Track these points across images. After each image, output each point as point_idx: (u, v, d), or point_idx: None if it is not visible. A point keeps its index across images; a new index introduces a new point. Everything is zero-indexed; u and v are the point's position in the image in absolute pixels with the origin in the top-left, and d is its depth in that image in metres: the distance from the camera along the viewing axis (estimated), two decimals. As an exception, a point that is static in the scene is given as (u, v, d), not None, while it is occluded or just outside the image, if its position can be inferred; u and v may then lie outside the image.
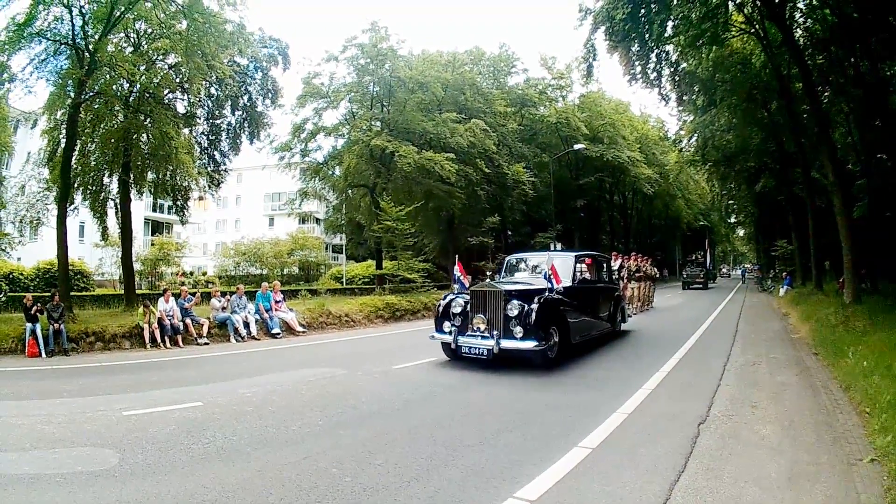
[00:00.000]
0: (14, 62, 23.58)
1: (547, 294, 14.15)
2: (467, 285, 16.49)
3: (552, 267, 14.79)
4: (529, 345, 12.90)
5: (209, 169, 33.50)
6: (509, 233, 57.28)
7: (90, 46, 23.26)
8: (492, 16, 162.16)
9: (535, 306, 13.36)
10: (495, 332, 13.44)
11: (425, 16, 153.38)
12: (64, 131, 25.47)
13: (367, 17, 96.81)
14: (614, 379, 12.40)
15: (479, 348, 13.51)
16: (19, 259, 34.28)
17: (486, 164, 46.37)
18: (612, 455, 7.00)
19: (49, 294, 20.84)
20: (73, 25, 23.30)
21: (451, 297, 15.48)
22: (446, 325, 14.69)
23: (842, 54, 28.05)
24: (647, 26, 26.60)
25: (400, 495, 5.77)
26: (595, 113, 61.12)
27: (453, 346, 14.08)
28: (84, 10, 23.37)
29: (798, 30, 30.27)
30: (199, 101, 31.01)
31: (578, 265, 17.38)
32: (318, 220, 72.52)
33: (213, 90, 31.54)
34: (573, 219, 65.74)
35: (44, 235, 29.46)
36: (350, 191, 46.98)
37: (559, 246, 46.63)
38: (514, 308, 13.41)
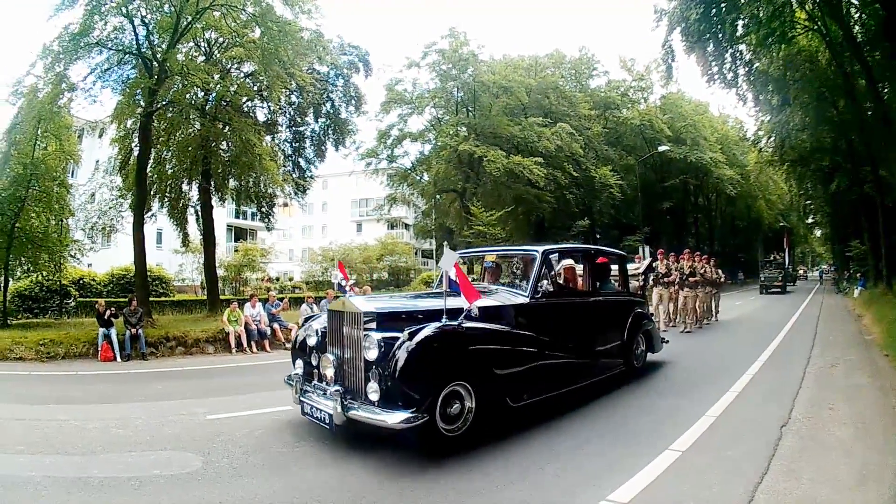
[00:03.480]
0: (73, 72, 22.72)
1: (442, 323, 7.35)
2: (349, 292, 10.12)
3: (458, 272, 7.71)
4: (392, 418, 6.66)
5: (294, 176, 32.56)
6: (598, 236, 53.43)
7: (158, 56, 22.72)
8: (564, 17, 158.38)
9: (409, 345, 6.93)
10: (345, 387, 7.55)
11: (493, 19, 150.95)
12: (136, 140, 24.87)
13: (435, 22, 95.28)
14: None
15: (321, 411, 7.37)
16: (90, 265, 32.84)
17: (573, 167, 43.17)
18: (700, 457, 6.73)
19: (125, 299, 20.77)
20: (136, 35, 22.83)
21: (310, 317, 10.09)
22: (297, 365, 8.83)
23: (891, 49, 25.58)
24: (719, 26, 26.02)
25: (497, 496, 5.63)
26: (676, 114, 57.85)
27: (294, 399, 8.14)
28: (146, 21, 22.89)
29: (856, 26, 28.34)
30: (281, 108, 29.94)
31: (545, 269, 9.60)
32: (407, 226, 70.40)
33: (293, 98, 30.06)
34: (660, 222, 61.76)
35: (118, 242, 30.12)
36: (439, 196, 46.22)
37: (647, 249, 42.92)
38: (372, 346, 7.14)
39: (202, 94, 25.21)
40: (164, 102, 23.63)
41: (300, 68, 26.48)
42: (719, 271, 25.34)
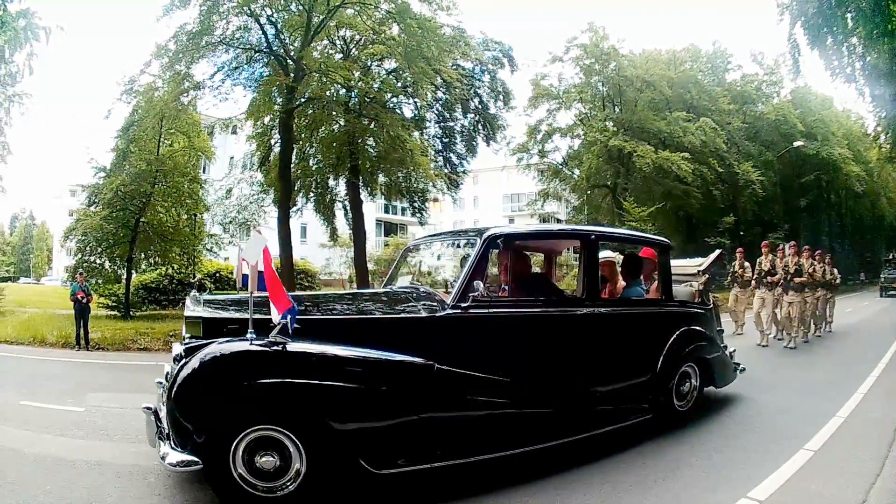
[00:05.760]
0: (197, 70, 23.19)
1: (247, 338, 4.96)
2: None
3: (267, 265, 5.29)
4: (170, 455, 4.62)
5: (446, 171, 31.36)
6: (741, 233, 50.28)
7: (292, 54, 23.13)
8: (687, 11, 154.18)
9: (189, 365, 4.85)
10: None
11: (612, 18, 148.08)
12: (276, 136, 25.51)
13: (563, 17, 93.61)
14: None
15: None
16: (226, 259, 31.93)
17: (718, 163, 40.88)
18: (828, 457, 6.39)
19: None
20: (264, 34, 23.08)
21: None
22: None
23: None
24: (833, 19, 24.04)
25: (649, 494, 5.39)
26: (807, 109, 54.59)
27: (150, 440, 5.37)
28: (273, 20, 23.04)
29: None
30: (428, 104, 28.44)
31: (485, 263, 6.58)
32: (559, 221, 65.81)
33: (440, 93, 28.36)
34: (798, 219, 58.18)
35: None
36: (591, 191, 43.91)
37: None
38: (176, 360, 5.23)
39: (344, 90, 24.67)
40: (303, 99, 23.29)
41: (445, 64, 24.96)
42: (834, 270, 18.60)
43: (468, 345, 5.75)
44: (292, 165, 25.01)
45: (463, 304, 5.67)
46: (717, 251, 10.95)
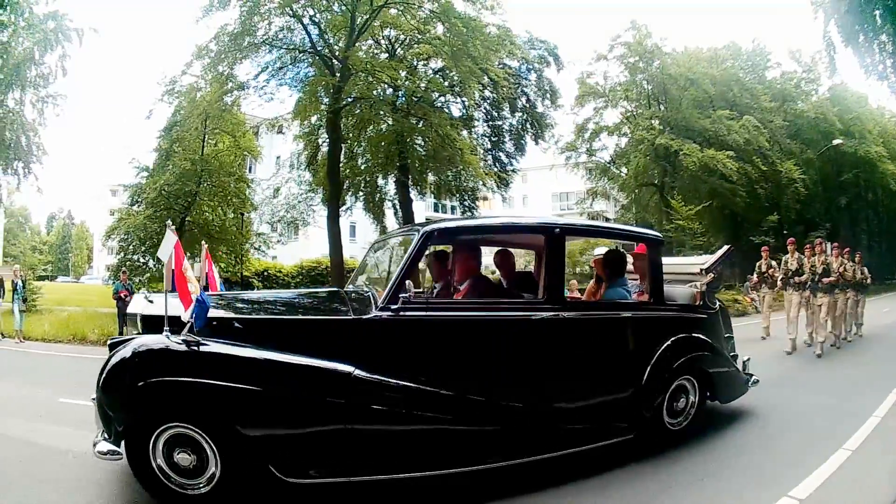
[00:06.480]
0: (240, 71, 23.80)
1: (163, 335, 4.86)
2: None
3: (178, 262, 5.16)
4: (100, 444, 4.77)
5: (495, 169, 31.61)
6: (784, 232, 49.54)
7: (337, 54, 23.22)
8: (723, 9, 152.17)
9: (110, 359, 4.90)
10: None
11: (654, 16, 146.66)
12: (323, 135, 25.88)
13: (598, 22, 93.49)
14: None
15: None
16: (275, 257, 32.09)
17: (761, 161, 40.44)
18: (866, 456, 6.41)
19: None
20: (307, 35, 23.29)
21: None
22: None
23: None
24: (863, 16, 23.96)
25: (692, 489, 5.56)
26: (843, 107, 53.35)
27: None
28: (315, 20, 23.25)
29: None
30: (476, 103, 28.86)
31: (417, 261, 5.75)
32: (607, 220, 65.26)
33: (487, 93, 28.67)
34: (838, 217, 57.32)
35: (308, 234, 30.71)
36: (639, 190, 43.78)
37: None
38: None
39: (391, 90, 24.99)
40: (350, 99, 23.24)
41: (492, 63, 25.12)
42: (864, 269, 16.71)
43: (398, 351, 5.23)
44: (341, 164, 25.12)
45: (393, 307, 5.16)
46: (725, 247, 9.27)
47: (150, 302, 5.66)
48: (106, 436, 4.69)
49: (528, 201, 76.23)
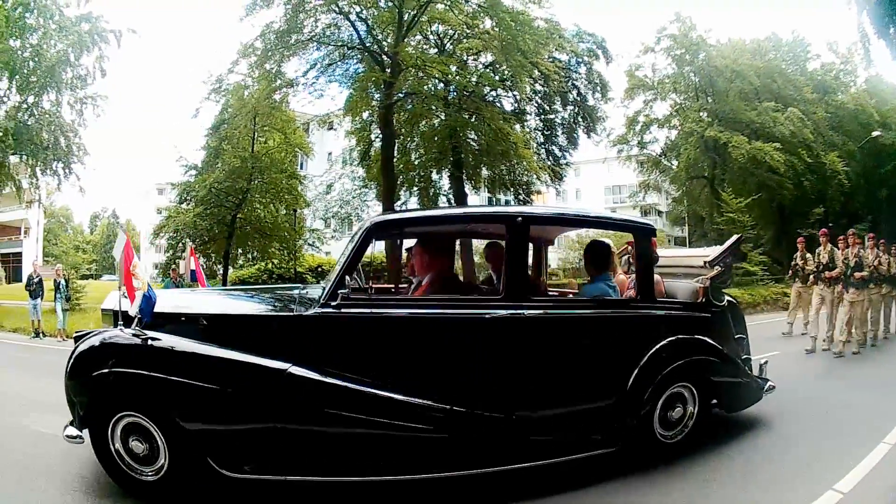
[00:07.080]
0: (288, 68, 24.08)
1: (117, 329, 5.13)
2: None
3: (127, 259, 5.41)
4: (68, 428, 5.17)
5: (549, 163, 31.25)
6: (830, 225, 49.00)
7: (386, 50, 23.25)
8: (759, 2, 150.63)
9: (75, 351, 5.14)
10: None
11: (693, 10, 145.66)
12: (375, 131, 25.98)
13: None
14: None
15: None
16: (328, 253, 31.80)
17: (806, 153, 40.06)
18: None
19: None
20: (355, 31, 23.35)
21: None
22: None
23: None
24: (893, 8, 22.75)
25: (735, 486, 5.60)
26: (880, 99, 52.20)
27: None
28: (363, 16, 23.11)
29: None
30: (527, 97, 28.29)
31: (359, 257, 5.40)
32: (660, 213, 66.53)
33: (538, 86, 28.85)
34: (880, 209, 54.51)
35: None
36: (689, 182, 43.45)
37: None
38: None
39: (442, 85, 25.18)
40: (401, 94, 23.59)
41: (542, 57, 25.20)
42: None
43: (337, 350, 5.07)
44: (394, 159, 25.08)
45: (333, 303, 5.02)
46: (735, 237, 7.77)
47: (125, 297, 5.60)
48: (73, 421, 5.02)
49: (581, 195, 74.59)
